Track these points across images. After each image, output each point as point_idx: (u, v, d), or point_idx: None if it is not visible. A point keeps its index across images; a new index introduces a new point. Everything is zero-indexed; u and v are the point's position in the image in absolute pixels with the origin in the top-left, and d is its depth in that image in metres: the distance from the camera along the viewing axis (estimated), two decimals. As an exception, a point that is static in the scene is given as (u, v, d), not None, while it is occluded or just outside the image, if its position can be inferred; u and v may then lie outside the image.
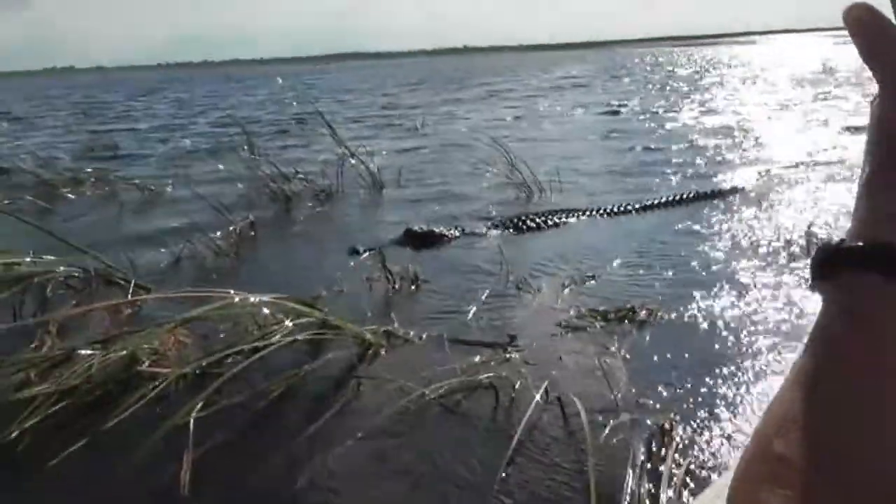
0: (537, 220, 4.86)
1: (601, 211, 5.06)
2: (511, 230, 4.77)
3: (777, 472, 0.37)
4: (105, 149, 10.31)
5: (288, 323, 3.08)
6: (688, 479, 2.00)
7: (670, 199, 5.18)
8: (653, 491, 1.91)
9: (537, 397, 2.42)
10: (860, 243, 0.41)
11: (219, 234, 4.98)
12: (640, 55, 51.31)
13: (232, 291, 3.05)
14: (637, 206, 5.10)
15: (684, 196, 5.21)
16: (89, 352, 2.88)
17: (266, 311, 3.07)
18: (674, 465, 2.02)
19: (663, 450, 2.06)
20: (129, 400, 2.62)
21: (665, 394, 2.47)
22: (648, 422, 2.28)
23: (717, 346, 2.86)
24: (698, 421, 2.29)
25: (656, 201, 5.15)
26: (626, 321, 3.16)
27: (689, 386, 2.54)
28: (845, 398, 0.38)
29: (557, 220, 4.90)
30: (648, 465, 2.01)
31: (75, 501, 2.18)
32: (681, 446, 2.11)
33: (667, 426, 2.18)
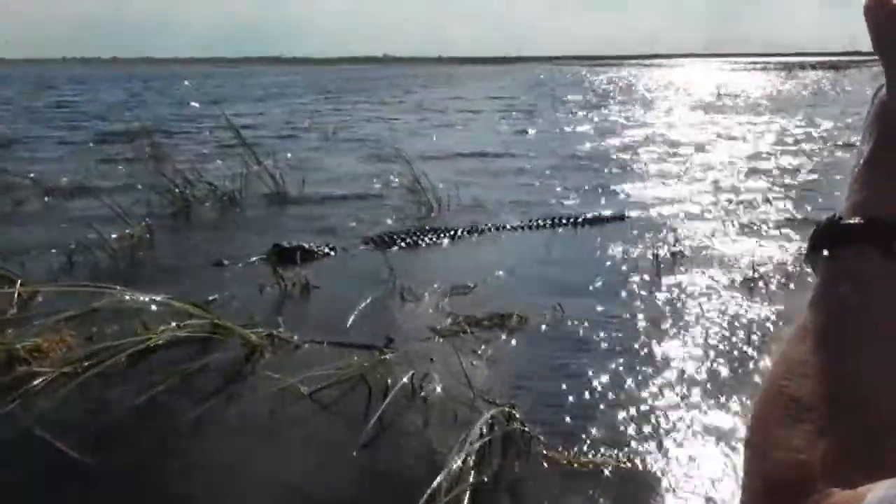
0: (408, 238, 5.01)
1: (479, 230, 5.33)
2: (385, 248, 4.86)
3: (791, 412, 0.41)
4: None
5: (174, 324, 3.20)
6: (521, 461, 2.29)
7: (552, 221, 5.55)
8: (488, 470, 2.18)
9: (398, 386, 2.67)
10: (859, 220, 0.45)
11: (115, 236, 4.99)
12: (552, 71, 53.20)
13: (119, 288, 3.14)
14: (515, 225, 5.46)
15: (564, 219, 5.58)
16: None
17: (154, 309, 3.18)
18: (510, 452, 2.30)
19: (503, 437, 2.34)
20: (6, 397, 2.70)
21: (518, 390, 2.76)
22: (492, 413, 2.55)
23: (576, 349, 3.18)
24: (542, 414, 2.58)
25: (538, 223, 5.51)
26: (498, 327, 3.46)
27: (542, 384, 2.85)
28: (853, 347, 0.42)
29: (431, 239, 5.06)
30: (485, 451, 2.27)
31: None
32: (519, 433, 2.39)
33: (513, 415, 2.46)
